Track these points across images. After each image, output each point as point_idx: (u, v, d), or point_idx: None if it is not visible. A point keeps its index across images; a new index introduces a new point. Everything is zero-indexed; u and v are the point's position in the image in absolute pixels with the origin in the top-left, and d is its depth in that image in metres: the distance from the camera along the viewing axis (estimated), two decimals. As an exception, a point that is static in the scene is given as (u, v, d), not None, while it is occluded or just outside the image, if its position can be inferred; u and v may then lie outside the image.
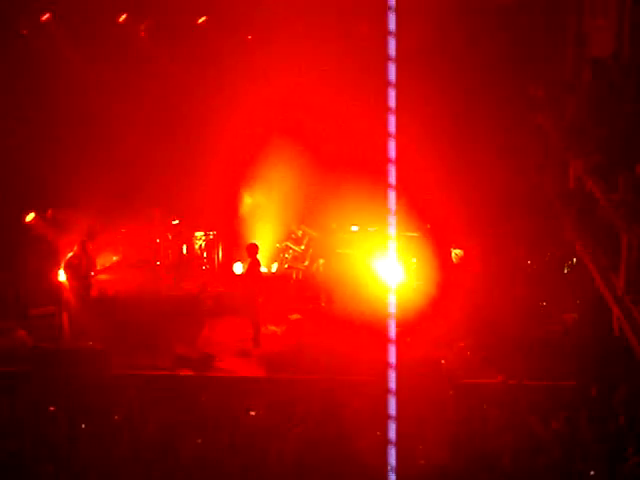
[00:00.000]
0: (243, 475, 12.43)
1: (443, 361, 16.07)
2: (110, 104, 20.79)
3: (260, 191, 20.93)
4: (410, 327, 16.92)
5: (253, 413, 13.99)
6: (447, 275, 18.62)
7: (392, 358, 6.85)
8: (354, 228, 20.82)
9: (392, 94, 6.57)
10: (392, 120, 6.58)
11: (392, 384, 6.93)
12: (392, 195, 6.72)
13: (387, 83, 6.58)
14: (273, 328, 18.10)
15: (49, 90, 20.69)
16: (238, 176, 20.59)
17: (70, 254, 17.84)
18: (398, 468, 12.41)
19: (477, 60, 20.56)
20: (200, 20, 21.66)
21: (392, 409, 6.94)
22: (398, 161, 6.57)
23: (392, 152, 6.65)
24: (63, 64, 20.96)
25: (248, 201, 20.76)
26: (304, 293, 19.46)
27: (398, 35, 6.49)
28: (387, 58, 6.54)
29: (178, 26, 21.44)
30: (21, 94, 20.94)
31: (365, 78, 19.64)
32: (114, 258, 20.08)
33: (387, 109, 6.58)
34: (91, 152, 20.39)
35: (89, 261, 18.04)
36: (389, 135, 6.61)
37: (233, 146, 20.89)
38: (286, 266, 20.01)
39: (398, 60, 6.47)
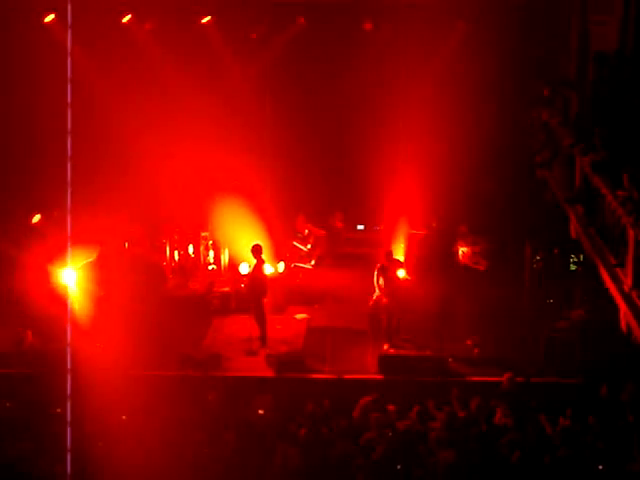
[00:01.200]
0: (249, 475, 12.43)
1: (450, 359, 16.07)
2: (114, 107, 20.78)
3: (266, 191, 20.95)
4: (418, 325, 16.93)
5: (260, 412, 13.97)
6: (454, 273, 18.59)
7: (397, 357, 6.86)
8: (360, 227, 20.77)
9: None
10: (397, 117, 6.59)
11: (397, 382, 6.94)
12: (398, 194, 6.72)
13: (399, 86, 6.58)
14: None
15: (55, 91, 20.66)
16: (243, 177, 20.57)
17: (88, 260, 17.85)
18: (406, 467, 12.44)
19: (481, 58, 20.50)
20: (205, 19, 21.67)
21: (395, 408, 6.94)
22: (403, 160, 6.58)
23: (398, 153, 6.65)
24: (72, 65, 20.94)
25: (254, 201, 20.72)
26: (310, 292, 19.48)
27: (404, 29, 6.51)
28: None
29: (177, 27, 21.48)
30: (27, 94, 21.01)
31: (370, 75, 19.71)
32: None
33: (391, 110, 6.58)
34: (96, 153, 20.39)
35: (104, 270, 18.12)
36: (393, 137, 6.62)
37: (237, 146, 20.91)
38: (292, 266, 19.99)
39: (402, 58, 6.49)
